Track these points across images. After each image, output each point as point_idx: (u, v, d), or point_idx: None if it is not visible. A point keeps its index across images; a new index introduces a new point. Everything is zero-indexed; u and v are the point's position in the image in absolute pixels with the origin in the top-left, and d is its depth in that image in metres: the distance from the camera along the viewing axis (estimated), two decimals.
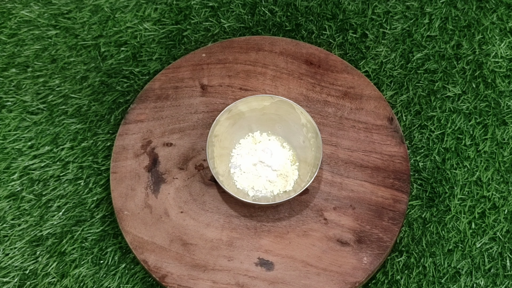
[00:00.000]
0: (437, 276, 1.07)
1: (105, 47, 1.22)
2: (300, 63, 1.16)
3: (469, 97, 1.17)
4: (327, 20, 1.23)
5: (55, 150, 1.15)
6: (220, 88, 1.15)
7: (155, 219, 1.07)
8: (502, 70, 1.19)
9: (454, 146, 1.14)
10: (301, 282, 1.03)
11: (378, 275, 1.08)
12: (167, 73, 1.16)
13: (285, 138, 1.10)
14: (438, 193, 1.12)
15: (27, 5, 1.25)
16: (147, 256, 1.04)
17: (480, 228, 1.10)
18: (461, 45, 1.21)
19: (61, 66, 1.21)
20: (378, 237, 1.05)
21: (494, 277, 1.07)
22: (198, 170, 1.10)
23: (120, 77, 1.20)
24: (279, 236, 1.06)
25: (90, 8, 1.25)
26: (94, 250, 1.09)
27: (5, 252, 1.09)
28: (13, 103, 1.18)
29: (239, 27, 1.23)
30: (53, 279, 1.08)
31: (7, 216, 1.11)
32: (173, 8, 1.25)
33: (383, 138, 1.11)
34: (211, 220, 1.07)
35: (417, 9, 1.24)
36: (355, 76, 1.15)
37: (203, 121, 1.13)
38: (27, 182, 1.13)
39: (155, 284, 1.07)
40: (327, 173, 1.09)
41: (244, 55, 1.17)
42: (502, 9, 1.23)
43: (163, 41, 1.22)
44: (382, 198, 1.07)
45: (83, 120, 1.17)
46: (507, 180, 1.12)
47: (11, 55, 1.22)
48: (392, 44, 1.21)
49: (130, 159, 1.10)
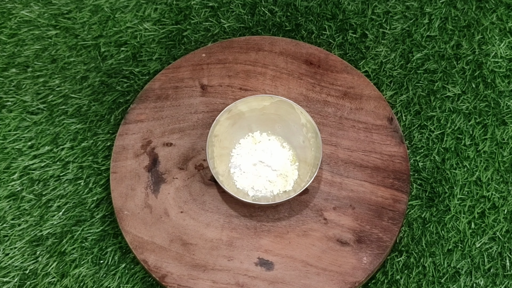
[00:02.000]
0: (437, 276, 1.07)
1: (105, 47, 1.22)
2: (300, 63, 1.16)
3: (468, 97, 1.18)
4: (327, 20, 1.23)
5: (55, 150, 1.15)
6: (220, 88, 1.15)
7: (155, 219, 1.07)
8: (502, 70, 1.19)
9: (453, 146, 1.14)
10: (301, 282, 1.03)
11: (378, 275, 1.08)
12: (167, 73, 1.16)
13: (285, 138, 1.10)
14: (437, 193, 1.12)
15: (27, 5, 1.25)
16: (147, 256, 1.04)
17: (480, 228, 1.10)
18: (461, 45, 1.21)
19: (61, 66, 1.21)
20: (378, 237, 1.05)
21: (493, 277, 1.07)
22: (198, 170, 1.10)
23: (120, 77, 1.20)
24: (279, 236, 1.06)
25: (90, 8, 1.25)
26: (94, 250, 1.09)
27: (5, 252, 1.09)
28: (13, 103, 1.18)
29: (239, 27, 1.23)
30: (53, 279, 1.08)
31: (7, 216, 1.11)
32: (173, 8, 1.25)
33: (383, 138, 1.11)
34: (211, 220, 1.07)
35: (417, 9, 1.24)
36: (355, 76, 1.15)
37: (203, 121, 1.13)
38: (27, 182, 1.13)
39: (155, 284, 1.07)
40: (327, 173, 1.09)
41: (244, 55, 1.17)
42: (502, 9, 1.23)
43: (163, 41, 1.22)
44: (382, 198, 1.07)
45: (83, 120, 1.17)
46: (507, 180, 1.12)
47: (11, 55, 1.22)
48: (392, 44, 1.21)
49: (130, 159, 1.10)
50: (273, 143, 1.10)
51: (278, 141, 1.10)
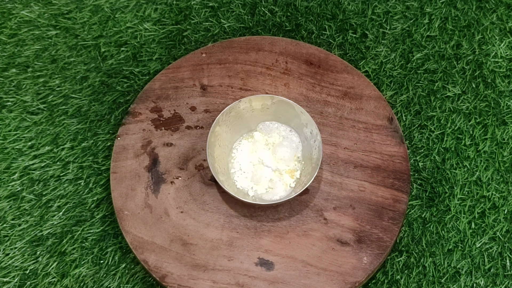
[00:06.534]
0: (437, 276, 1.07)
1: (105, 47, 1.22)
2: (300, 63, 1.16)
3: (469, 97, 1.18)
4: (327, 20, 1.23)
5: (55, 150, 1.15)
6: (220, 88, 1.15)
7: (155, 219, 1.07)
8: (502, 70, 1.19)
9: (454, 146, 1.14)
10: (301, 282, 1.03)
11: (378, 275, 1.08)
12: (167, 73, 1.16)
13: (285, 138, 1.10)
14: (438, 193, 1.12)
15: (27, 5, 1.25)
16: (147, 256, 1.04)
17: (480, 228, 1.10)
18: (461, 45, 1.21)
19: (61, 66, 1.21)
20: (378, 237, 1.05)
21: (494, 277, 1.07)
22: (198, 170, 1.10)
23: (120, 77, 1.20)
24: (279, 236, 1.06)
25: (90, 8, 1.25)
26: (94, 250, 1.09)
27: (5, 252, 1.09)
28: (13, 103, 1.18)
29: (239, 27, 1.23)
30: (53, 279, 1.08)
31: (7, 216, 1.11)
32: (173, 8, 1.25)
33: (383, 138, 1.11)
34: (211, 220, 1.07)
35: (417, 9, 1.24)
36: (355, 76, 1.15)
37: (203, 121, 1.13)
38: (27, 182, 1.13)
39: (155, 284, 1.07)
40: (327, 173, 1.09)
41: (244, 55, 1.17)
42: (502, 9, 1.23)
43: (163, 41, 1.22)
44: (382, 198, 1.07)
45: (83, 120, 1.17)
46: (507, 180, 1.12)
47: (11, 55, 1.22)
48: (392, 44, 1.21)
49: (130, 159, 1.10)
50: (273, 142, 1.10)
51: (278, 141, 1.10)
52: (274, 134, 1.10)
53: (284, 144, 1.10)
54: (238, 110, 1.08)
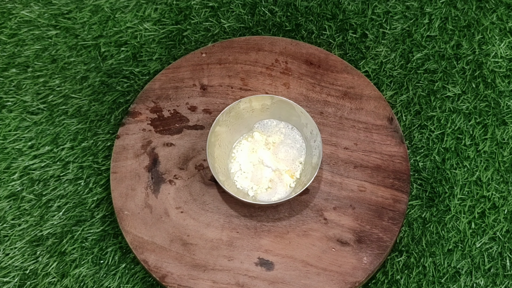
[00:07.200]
0: (437, 276, 1.07)
1: (105, 47, 1.22)
2: (300, 63, 1.16)
3: (469, 97, 1.18)
4: (327, 20, 1.23)
5: (55, 150, 1.15)
6: (220, 88, 1.15)
7: (155, 219, 1.07)
8: (502, 70, 1.19)
9: (454, 146, 1.14)
10: (301, 282, 1.03)
11: (378, 275, 1.08)
12: (167, 73, 1.16)
13: (286, 136, 1.10)
14: (438, 193, 1.12)
15: (27, 5, 1.25)
16: (147, 256, 1.04)
17: (480, 228, 1.10)
18: (461, 45, 1.21)
19: (61, 66, 1.21)
20: (378, 237, 1.05)
21: (494, 277, 1.07)
22: (198, 170, 1.10)
23: (120, 77, 1.20)
24: (279, 236, 1.06)
25: (90, 8, 1.25)
26: (94, 250, 1.09)
27: (5, 252, 1.09)
28: (13, 103, 1.18)
29: (239, 27, 1.23)
30: (53, 279, 1.08)
31: (7, 216, 1.11)
32: (173, 8, 1.25)
33: (383, 138, 1.11)
34: (211, 220, 1.07)
35: (417, 9, 1.24)
36: (355, 76, 1.15)
37: (203, 121, 1.13)
38: (27, 182, 1.13)
39: (155, 284, 1.07)
40: (327, 173, 1.09)
41: (244, 55, 1.17)
42: (502, 9, 1.23)
43: (163, 41, 1.22)
44: (382, 198, 1.07)
45: (83, 120, 1.17)
46: (507, 180, 1.12)
47: (11, 55, 1.22)
48: (392, 44, 1.21)
49: (130, 159, 1.10)
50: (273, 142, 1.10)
51: (278, 141, 1.10)
52: (274, 134, 1.10)
53: (286, 142, 1.10)
54: (238, 110, 1.08)
